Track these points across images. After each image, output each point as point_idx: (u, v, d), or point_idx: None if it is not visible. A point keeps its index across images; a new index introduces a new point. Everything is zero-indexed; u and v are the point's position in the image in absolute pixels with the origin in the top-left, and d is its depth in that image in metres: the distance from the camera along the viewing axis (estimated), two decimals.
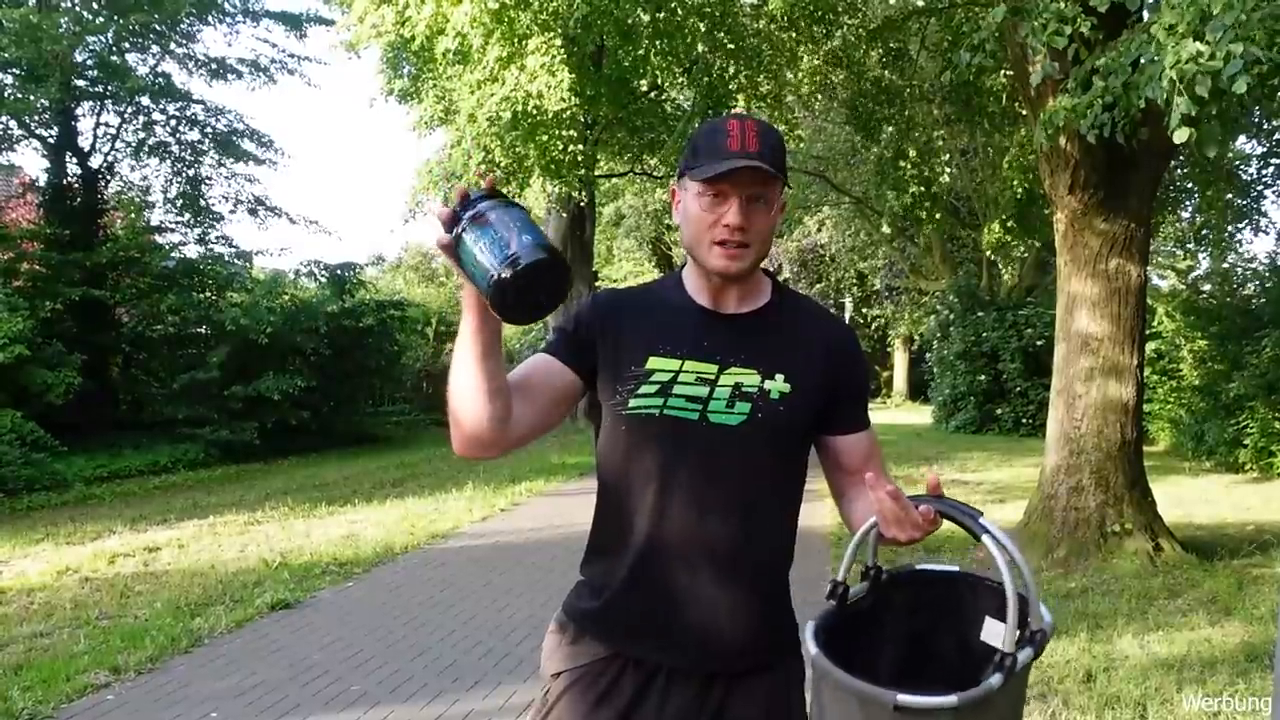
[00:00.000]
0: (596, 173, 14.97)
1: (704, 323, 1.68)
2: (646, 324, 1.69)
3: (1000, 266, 21.53)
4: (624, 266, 33.64)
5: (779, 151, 1.61)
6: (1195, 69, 4.58)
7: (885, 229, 18.35)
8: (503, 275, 1.34)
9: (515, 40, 10.68)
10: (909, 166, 12.99)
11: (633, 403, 1.62)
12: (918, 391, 31.31)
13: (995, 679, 1.29)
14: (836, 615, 1.51)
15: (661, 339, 1.66)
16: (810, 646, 1.40)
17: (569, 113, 11.21)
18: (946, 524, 1.44)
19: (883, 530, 1.47)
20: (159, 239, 15.85)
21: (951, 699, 1.25)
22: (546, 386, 1.66)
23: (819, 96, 16.41)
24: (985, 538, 1.37)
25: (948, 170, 16.62)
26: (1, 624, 5.53)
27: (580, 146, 12.41)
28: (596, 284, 18.15)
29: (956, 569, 1.56)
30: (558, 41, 10.80)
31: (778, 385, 1.63)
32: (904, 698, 1.25)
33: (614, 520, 1.69)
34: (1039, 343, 17.31)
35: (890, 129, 13.37)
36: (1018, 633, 1.32)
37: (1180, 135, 4.75)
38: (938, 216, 14.57)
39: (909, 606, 1.58)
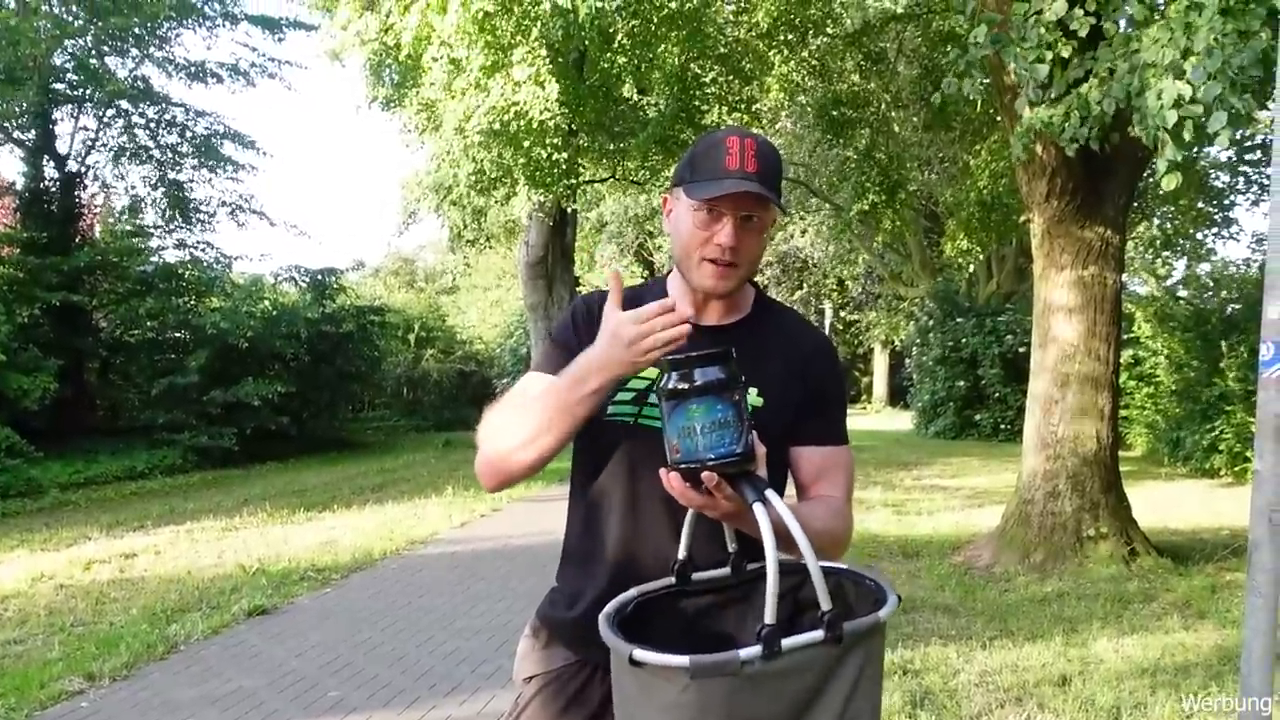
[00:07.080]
0: (581, 179, 14.95)
1: None
2: None
3: (957, 271, 21.42)
4: (606, 274, 33.51)
5: (776, 173, 1.61)
6: (1179, 114, 4.55)
7: (847, 219, 18.10)
8: (713, 462, 1.33)
9: (500, 49, 10.66)
10: (874, 170, 13.01)
11: (609, 409, 1.62)
12: (898, 397, 31.43)
13: (747, 651, 1.18)
14: (679, 593, 1.53)
15: None
16: (604, 621, 1.38)
17: (554, 121, 11.19)
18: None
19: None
20: (138, 243, 15.77)
21: (683, 660, 1.17)
22: None
23: (792, 103, 16.38)
24: (756, 506, 1.29)
25: (917, 175, 16.56)
26: None
27: (564, 154, 12.39)
28: (578, 288, 18.11)
29: (841, 565, 1.49)
30: (543, 51, 10.77)
31: (750, 399, 1.61)
32: (639, 653, 1.22)
33: (586, 529, 1.70)
34: (1019, 349, 17.38)
35: (865, 131, 13.39)
36: (775, 603, 1.20)
37: (1169, 182, 4.77)
38: (897, 221, 14.51)
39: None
